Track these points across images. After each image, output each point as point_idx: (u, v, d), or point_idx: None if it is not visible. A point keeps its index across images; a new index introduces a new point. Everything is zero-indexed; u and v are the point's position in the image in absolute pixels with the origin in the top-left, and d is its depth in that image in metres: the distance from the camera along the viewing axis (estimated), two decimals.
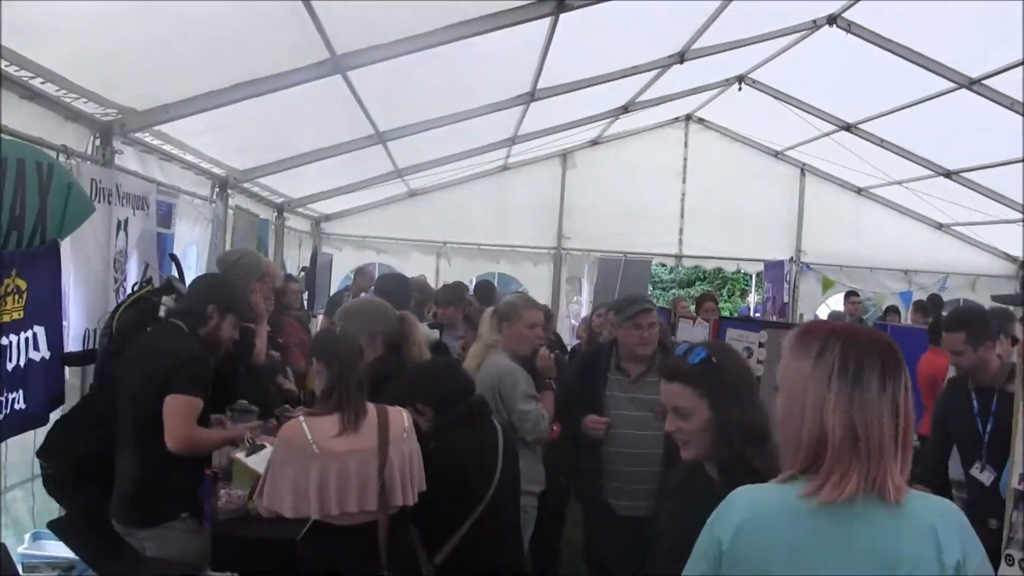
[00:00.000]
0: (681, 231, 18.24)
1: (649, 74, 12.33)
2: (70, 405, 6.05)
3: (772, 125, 16.01)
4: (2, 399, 5.49)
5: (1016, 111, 10.87)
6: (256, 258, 8.07)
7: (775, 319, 15.44)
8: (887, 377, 2.43)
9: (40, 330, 5.77)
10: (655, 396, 4.74)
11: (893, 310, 15.90)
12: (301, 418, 4.87)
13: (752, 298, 23.74)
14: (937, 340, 7.49)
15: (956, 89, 11.17)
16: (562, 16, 8.49)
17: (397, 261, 17.54)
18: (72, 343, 6.44)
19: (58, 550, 5.84)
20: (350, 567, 4.73)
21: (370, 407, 4.89)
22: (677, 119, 17.88)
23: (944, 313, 12.29)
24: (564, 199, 18.08)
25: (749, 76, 14.20)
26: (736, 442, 3.41)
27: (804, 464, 2.43)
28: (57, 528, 5.13)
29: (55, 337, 5.95)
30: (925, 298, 15.89)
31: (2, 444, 5.67)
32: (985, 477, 6.09)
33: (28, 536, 6.36)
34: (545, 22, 8.68)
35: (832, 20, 10.94)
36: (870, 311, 18.36)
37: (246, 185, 11.46)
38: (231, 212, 10.70)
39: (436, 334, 7.69)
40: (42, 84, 6.03)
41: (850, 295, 16.79)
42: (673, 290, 35.11)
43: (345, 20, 7.18)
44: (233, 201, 10.86)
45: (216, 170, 10.23)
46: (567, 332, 15.84)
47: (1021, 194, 13.72)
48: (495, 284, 14.23)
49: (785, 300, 17.58)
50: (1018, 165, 12.49)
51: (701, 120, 17.99)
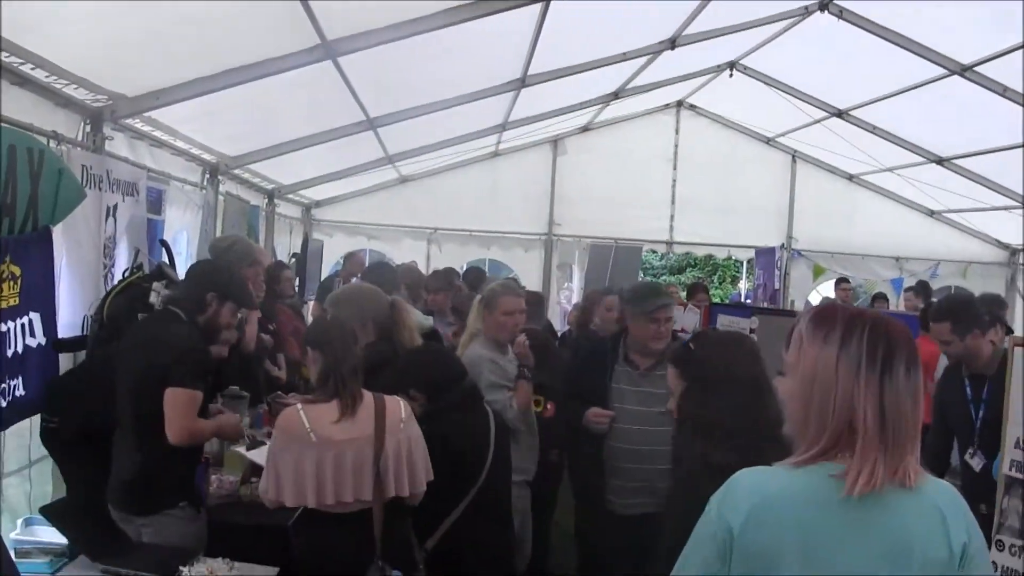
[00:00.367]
0: (672, 217, 18.20)
1: (640, 60, 12.31)
2: None
3: (763, 111, 16.00)
4: (4, 386, 5.51)
5: (1008, 98, 10.87)
6: (248, 245, 8.08)
7: (766, 306, 15.45)
8: (911, 365, 2.43)
9: (36, 316, 5.79)
10: (664, 391, 4.75)
11: (881, 297, 15.86)
12: (299, 406, 4.86)
13: (743, 285, 23.76)
14: (928, 327, 7.51)
15: (948, 76, 11.15)
16: (553, 2, 8.49)
17: (388, 247, 17.54)
18: (68, 329, 6.44)
19: (50, 536, 5.82)
20: (343, 554, 4.72)
21: (367, 395, 4.87)
22: (668, 105, 17.83)
23: (933, 300, 12.35)
24: (555, 185, 18.04)
25: (740, 62, 14.17)
26: (697, 433, 3.43)
27: (824, 449, 2.41)
28: (49, 513, 5.11)
29: (49, 323, 5.97)
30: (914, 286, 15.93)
31: None
32: (976, 463, 6.13)
33: (20, 522, 6.34)
34: (536, 8, 8.65)
35: (824, 6, 10.90)
36: (861, 298, 18.38)
37: (236, 171, 11.45)
38: (221, 198, 10.67)
39: (430, 321, 7.70)
40: (33, 70, 6.02)
41: (841, 282, 16.83)
42: (664, 276, 35.18)
43: (335, 6, 7.15)
44: (223, 187, 10.84)
45: (206, 156, 10.22)
46: (558, 318, 15.84)
47: (1015, 181, 13.74)
48: (486, 270, 14.20)
49: (776, 287, 17.58)
50: (1010, 152, 12.50)
51: (692, 106, 17.94)
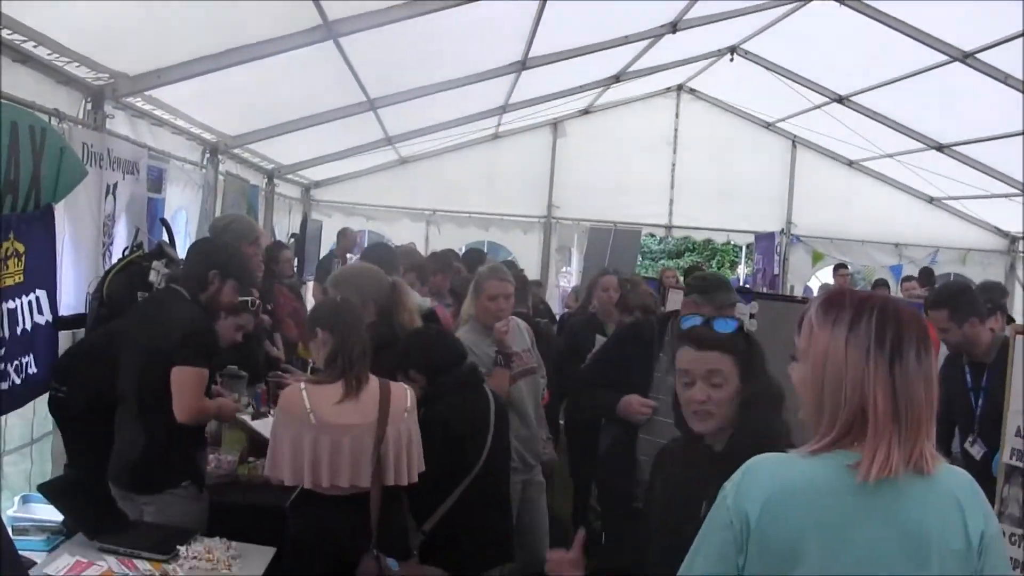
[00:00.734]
0: (671, 202, 18.22)
1: (641, 44, 12.30)
2: None
3: (764, 96, 15.99)
4: (17, 363, 5.52)
5: (1009, 85, 10.87)
6: (247, 222, 8.06)
7: (765, 291, 15.46)
8: (921, 349, 2.40)
9: (42, 294, 5.79)
10: None
11: (882, 283, 15.86)
12: (302, 385, 4.83)
13: (742, 270, 23.76)
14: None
15: (949, 62, 11.16)
16: None
17: (387, 228, 17.56)
18: (71, 307, 6.45)
19: (47, 513, 5.83)
20: (338, 537, 4.72)
21: (373, 380, 4.87)
22: (668, 89, 17.83)
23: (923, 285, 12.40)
24: (554, 168, 18.05)
25: (741, 47, 14.17)
26: (761, 414, 3.39)
27: (839, 436, 2.38)
28: (47, 491, 5.11)
29: (53, 301, 5.96)
30: (915, 272, 15.94)
31: None
32: (976, 451, 6.13)
33: (18, 499, 6.35)
34: None
35: None
36: (859, 284, 18.38)
37: (236, 151, 11.44)
38: (221, 178, 10.67)
39: (428, 302, 7.70)
40: (35, 48, 6.00)
41: (839, 268, 16.83)
42: (662, 260, 35.17)
43: None
44: (223, 167, 10.83)
45: (207, 135, 10.19)
46: (556, 301, 15.86)
47: (1015, 169, 13.76)
48: (485, 252, 14.20)
49: (775, 272, 17.61)
50: (1011, 139, 12.50)
51: (693, 91, 17.94)
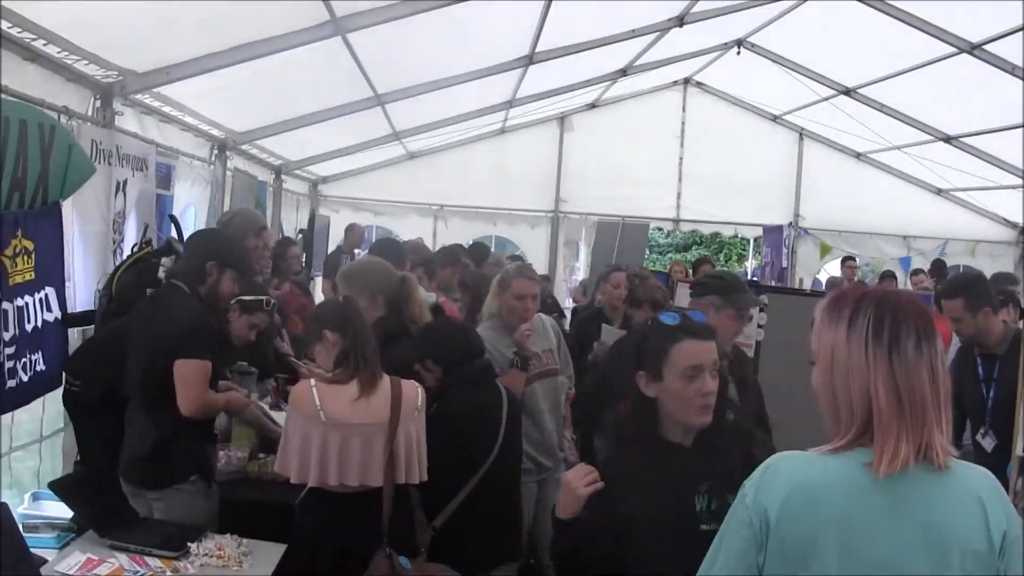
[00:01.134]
0: (679, 195, 18.20)
1: (648, 37, 12.28)
2: None
3: (771, 89, 15.96)
4: (26, 360, 5.53)
5: (1017, 76, 10.85)
6: (251, 214, 8.07)
7: (774, 284, 15.45)
8: (922, 338, 2.39)
9: (51, 291, 5.82)
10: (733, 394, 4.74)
11: (889, 275, 15.85)
12: (312, 382, 4.79)
13: (750, 263, 23.73)
14: (941, 307, 7.49)
15: (956, 54, 11.14)
16: None
17: (394, 223, 17.56)
18: (80, 304, 6.48)
19: (57, 511, 5.84)
20: (348, 534, 4.70)
21: (384, 378, 4.86)
22: (676, 83, 17.80)
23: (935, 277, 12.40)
24: (562, 162, 18.03)
25: (748, 40, 14.13)
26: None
27: (857, 435, 2.37)
28: (57, 488, 5.11)
29: (62, 298, 5.98)
30: (926, 264, 15.92)
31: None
32: (987, 443, 6.12)
33: (28, 496, 6.37)
34: None
35: None
36: (868, 277, 18.37)
37: (244, 147, 11.47)
38: (230, 174, 10.70)
39: (433, 297, 7.70)
40: (44, 46, 6.02)
41: (846, 260, 16.82)
42: (670, 254, 35.19)
43: None
44: (232, 163, 10.86)
45: (215, 132, 10.22)
46: (563, 295, 15.89)
47: (1022, 160, 13.74)
48: (491, 246, 14.21)
49: (783, 265, 17.59)
50: (1018, 130, 12.46)
51: (700, 84, 17.91)
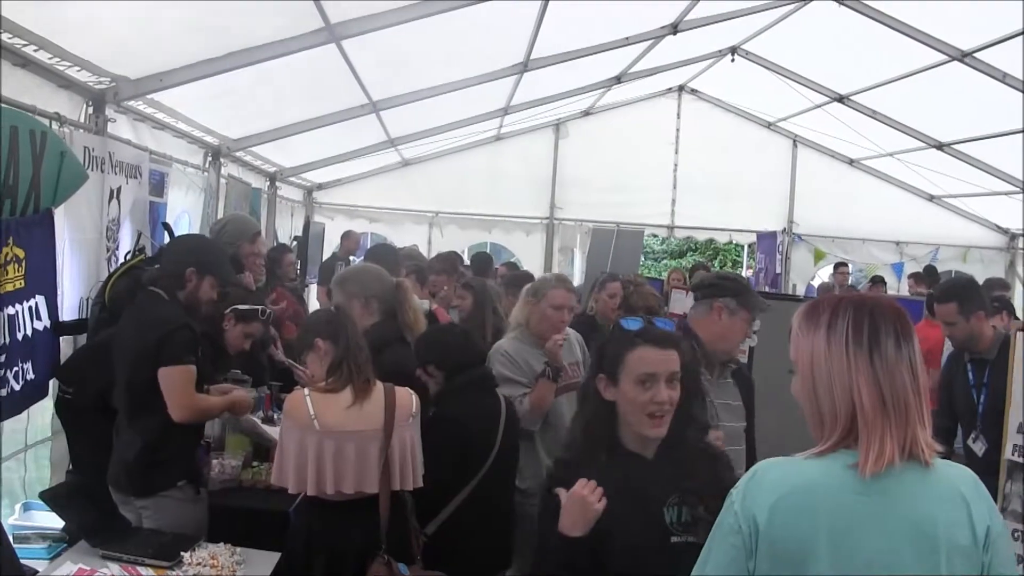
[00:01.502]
0: (673, 202, 18.25)
1: (642, 45, 12.31)
2: None
3: (765, 96, 16.00)
4: (17, 369, 5.52)
5: (1008, 84, 10.90)
6: (244, 221, 8.07)
7: (768, 290, 15.47)
8: (901, 338, 2.42)
9: (41, 299, 5.79)
10: (734, 402, 4.81)
11: (879, 280, 15.92)
12: (306, 391, 4.79)
13: (744, 269, 23.76)
14: (934, 312, 7.50)
15: (948, 62, 11.18)
16: None
17: (389, 230, 17.58)
18: (68, 312, 6.44)
19: (48, 521, 5.83)
20: (343, 541, 4.69)
21: (378, 385, 4.86)
22: (670, 90, 17.86)
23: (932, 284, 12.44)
24: (556, 169, 18.09)
25: (742, 47, 14.19)
26: (687, 415, 3.37)
27: (840, 438, 2.40)
28: (48, 498, 5.10)
29: (52, 306, 5.96)
30: (918, 269, 15.95)
31: None
32: (978, 447, 6.14)
33: (19, 507, 6.36)
34: None
35: None
36: (860, 283, 18.42)
37: (238, 154, 11.44)
38: (224, 181, 10.68)
39: (426, 304, 7.71)
40: (35, 52, 6.00)
41: (839, 266, 16.92)
42: (665, 260, 35.26)
43: None
44: (226, 170, 10.84)
45: (209, 139, 10.21)
46: None
47: (1014, 166, 13.79)
48: (490, 255, 14.21)
49: (777, 271, 17.64)
50: (1010, 137, 12.54)
51: (694, 91, 17.97)
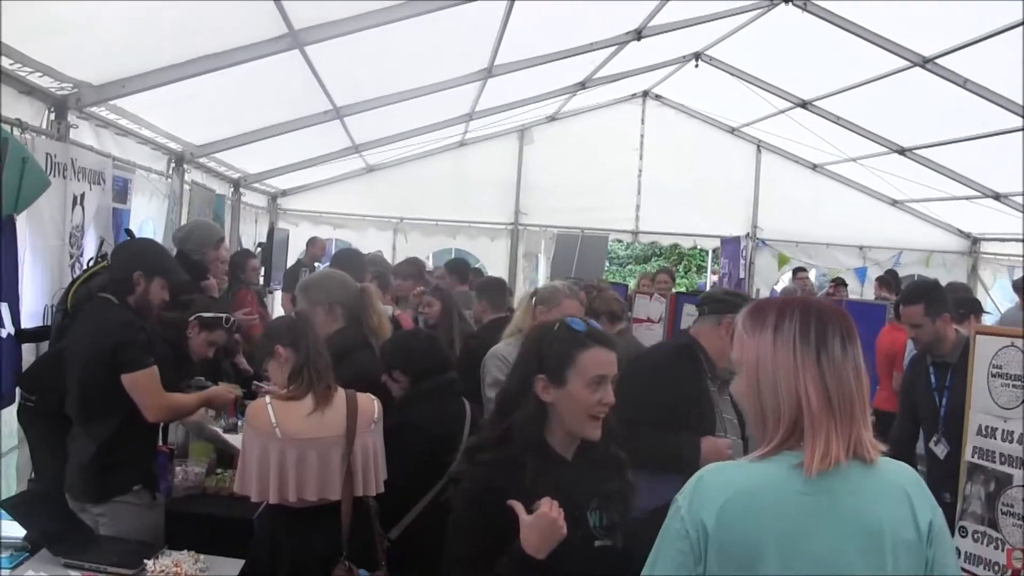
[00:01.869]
0: (638, 207, 18.24)
1: (606, 51, 12.33)
2: None
3: (729, 102, 16.06)
4: None
5: (969, 89, 10.98)
6: (208, 227, 8.08)
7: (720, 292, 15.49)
8: (846, 339, 2.45)
9: (4, 307, 5.73)
10: (732, 416, 4.86)
11: (840, 282, 15.99)
12: (267, 399, 4.76)
13: (709, 274, 23.86)
14: (899, 315, 7.52)
15: (910, 67, 11.24)
16: None
17: (354, 236, 17.49)
18: (30, 319, 6.39)
19: (9, 530, 5.77)
20: (307, 548, 4.67)
21: (340, 391, 4.85)
22: (634, 95, 17.88)
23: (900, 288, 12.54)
24: (521, 175, 18.07)
25: (706, 53, 14.22)
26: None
27: (784, 438, 2.41)
28: (9, 507, 5.05)
29: (15, 313, 5.91)
30: (881, 274, 16.03)
31: None
32: (940, 450, 6.19)
33: None
34: None
35: None
36: (824, 288, 18.51)
37: (202, 160, 11.41)
38: (187, 187, 10.64)
39: (391, 310, 7.70)
40: None
41: (798, 271, 17.00)
42: (629, 266, 35.36)
43: None
44: (189, 176, 10.80)
45: (172, 145, 10.16)
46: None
47: (976, 171, 13.94)
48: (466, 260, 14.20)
49: (741, 276, 17.68)
50: (971, 142, 12.66)
51: (658, 96, 17.99)
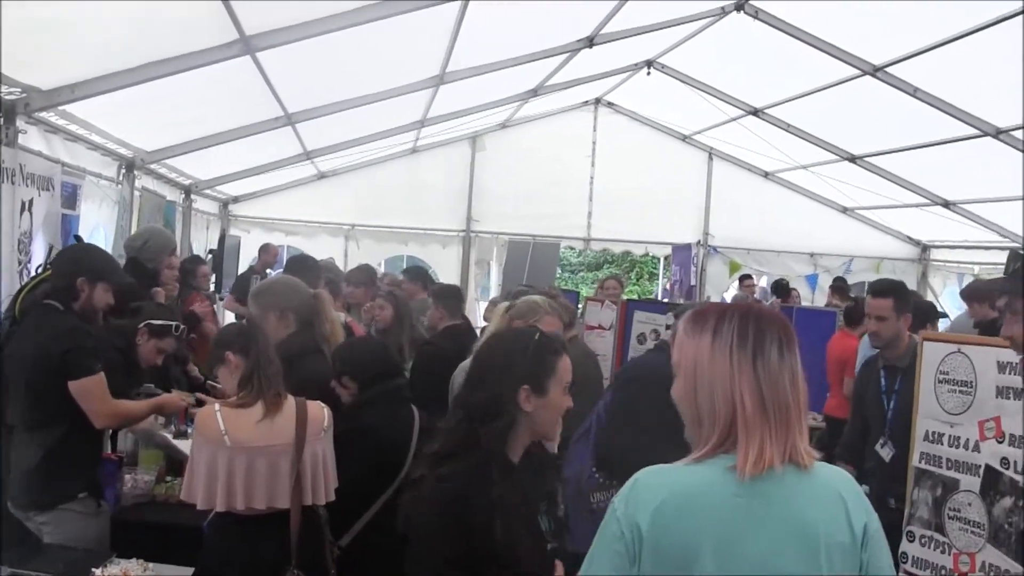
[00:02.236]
0: (590, 214, 18.34)
1: (559, 58, 12.37)
2: None
3: (680, 109, 16.16)
4: None
5: (919, 98, 11.10)
6: (163, 236, 8.03)
7: (682, 302, 15.59)
8: (784, 347, 2.47)
9: None
10: None
11: (783, 284, 16.04)
12: (216, 406, 4.70)
13: (660, 281, 23.98)
14: (852, 322, 7.57)
15: (860, 76, 11.35)
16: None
17: (306, 243, 17.42)
18: None
19: None
20: (256, 556, 4.60)
21: (289, 399, 4.81)
22: (586, 103, 17.97)
23: (852, 296, 12.70)
24: (473, 182, 18.12)
25: (658, 61, 14.30)
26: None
27: (719, 441, 2.42)
28: None
29: None
30: (831, 281, 16.15)
31: None
32: (885, 453, 6.24)
33: None
34: (456, 4, 8.67)
35: (740, 6, 11.03)
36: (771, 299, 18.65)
37: (153, 166, 11.30)
38: (137, 194, 10.55)
39: (343, 316, 7.68)
40: None
41: (744, 278, 17.18)
42: (581, 273, 35.45)
43: (255, 1, 7.11)
44: (140, 182, 10.70)
45: (122, 151, 10.08)
46: (475, 315, 15.88)
47: (925, 179, 14.11)
48: (403, 266, 14.18)
49: (692, 283, 17.77)
50: (921, 150, 12.80)
51: (610, 104, 18.10)
